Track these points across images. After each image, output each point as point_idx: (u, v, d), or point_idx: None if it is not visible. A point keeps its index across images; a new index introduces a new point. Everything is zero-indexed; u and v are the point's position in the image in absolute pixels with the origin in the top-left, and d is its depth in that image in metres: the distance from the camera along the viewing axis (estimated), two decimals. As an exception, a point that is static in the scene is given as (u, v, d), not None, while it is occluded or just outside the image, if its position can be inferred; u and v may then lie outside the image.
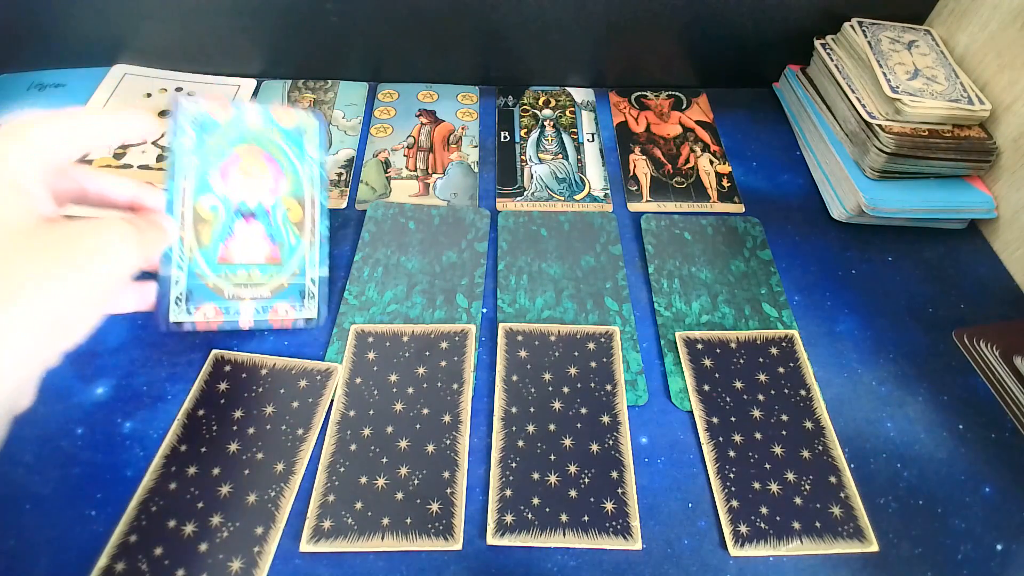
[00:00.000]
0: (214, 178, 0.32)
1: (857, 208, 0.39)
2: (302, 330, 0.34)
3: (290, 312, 0.31)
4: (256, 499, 0.28)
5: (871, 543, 0.28)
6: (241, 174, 0.33)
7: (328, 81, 0.48)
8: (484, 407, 0.32)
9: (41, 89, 0.46)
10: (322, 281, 0.32)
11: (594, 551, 0.27)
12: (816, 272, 0.38)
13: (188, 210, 0.32)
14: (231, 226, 0.32)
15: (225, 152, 0.33)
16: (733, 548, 0.27)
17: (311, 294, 0.32)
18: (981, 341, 0.35)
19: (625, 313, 0.35)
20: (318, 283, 0.32)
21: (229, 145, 0.33)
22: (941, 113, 0.39)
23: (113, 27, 0.45)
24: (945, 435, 0.32)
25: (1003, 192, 0.40)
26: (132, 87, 0.46)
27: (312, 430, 0.30)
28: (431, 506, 0.28)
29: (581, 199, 0.41)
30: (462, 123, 0.46)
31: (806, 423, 0.31)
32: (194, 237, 0.31)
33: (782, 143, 0.46)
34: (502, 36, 0.46)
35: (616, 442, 0.30)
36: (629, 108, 0.48)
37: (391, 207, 0.40)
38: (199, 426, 0.30)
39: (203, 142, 0.33)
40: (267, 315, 0.31)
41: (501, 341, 0.34)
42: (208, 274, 0.31)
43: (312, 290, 0.32)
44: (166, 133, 0.32)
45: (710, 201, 0.42)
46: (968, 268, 0.39)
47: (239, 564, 0.26)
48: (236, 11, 0.44)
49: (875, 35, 0.43)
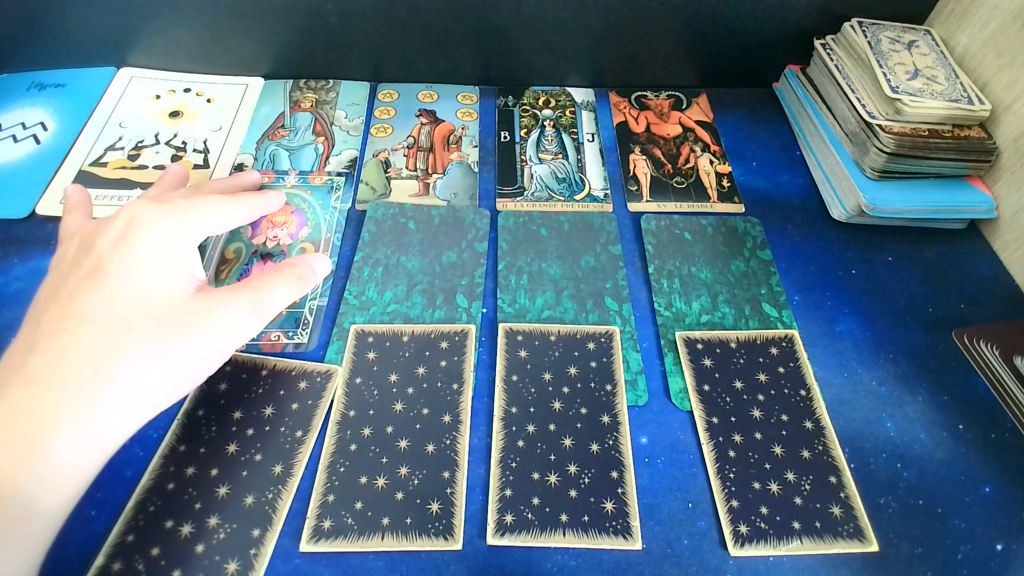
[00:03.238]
0: (245, 230, 0.38)
1: (857, 208, 0.39)
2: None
3: (282, 338, 0.34)
4: (253, 501, 0.28)
5: (871, 543, 0.28)
6: (269, 224, 0.39)
7: (330, 81, 0.48)
8: (484, 407, 0.32)
9: (41, 89, 0.46)
10: (319, 310, 0.34)
11: (594, 551, 0.27)
12: (816, 272, 0.38)
13: (216, 253, 0.37)
14: (248, 265, 0.37)
15: None
16: (733, 548, 0.27)
17: (306, 323, 0.34)
18: (981, 341, 0.35)
19: (625, 313, 0.35)
20: (315, 312, 0.34)
21: None
22: (941, 113, 0.39)
23: (113, 27, 0.45)
24: (945, 435, 0.32)
25: (1003, 192, 0.40)
26: (140, 89, 0.47)
27: (311, 432, 0.30)
28: (431, 506, 0.28)
29: (581, 199, 0.41)
30: (462, 123, 0.46)
31: (806, 423, 0.31)
32: (213, 275, 0.36)
33: (782, 143, 0.46)
34: (502, 36, 0.46)
35: (616, 442, 0.30)
36: (629, 108, 0.48)
37: (391, 207, 0.40)
38: (198, 426, 0.30)
39: None
40: (259, 340, 0.34)
41: (501, 341, 0.34)
42: None
43: (308, 319, 0.35)
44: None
45: (710, 201, 0.42)
46: (968, 268, 0.39)
47: (235, 566, 0.26)
48: (236, 11, 0.44)
49: (875, 35, 0.43)
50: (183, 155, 0.42)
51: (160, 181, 0.35)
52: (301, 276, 0.32)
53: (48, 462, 0.22)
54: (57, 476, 0.22)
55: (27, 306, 0.28)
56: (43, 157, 0.41)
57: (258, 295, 0.29)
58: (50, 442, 0.22)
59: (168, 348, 0.25)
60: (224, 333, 0.27)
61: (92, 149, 0.42)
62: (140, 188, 0.40)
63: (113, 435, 0.24)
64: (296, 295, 0.31)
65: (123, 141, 0.43)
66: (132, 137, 0.43)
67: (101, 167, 0.41)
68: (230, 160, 0.42)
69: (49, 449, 0.22)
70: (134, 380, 0.24)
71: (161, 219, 0.27)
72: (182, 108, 0.46)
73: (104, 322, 0.24)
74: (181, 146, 0.43)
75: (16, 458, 0.22)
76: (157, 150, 0.43)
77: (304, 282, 0.32)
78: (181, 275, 0.27)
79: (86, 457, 0.23)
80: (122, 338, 0.24)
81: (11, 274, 0.35)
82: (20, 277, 0.35)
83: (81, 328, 0.24)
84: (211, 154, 0.43)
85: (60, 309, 0.25)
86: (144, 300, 0.25)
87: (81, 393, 0.23)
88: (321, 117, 0.46)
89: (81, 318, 0.24)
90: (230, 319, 0.27)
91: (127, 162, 0.42)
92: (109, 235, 0.27)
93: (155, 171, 0.41)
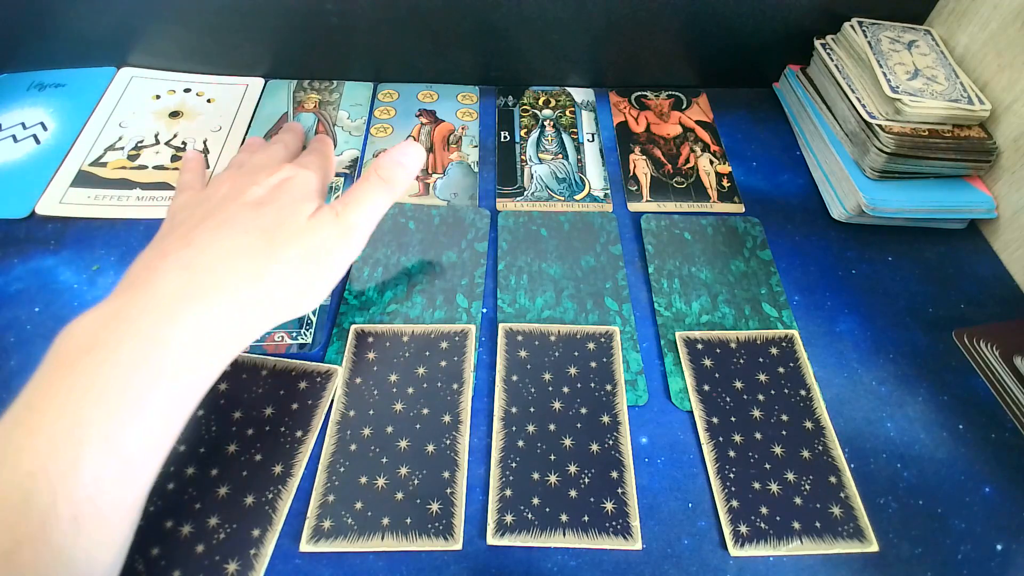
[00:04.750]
0: None
1: (857, 208, 0.39)
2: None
3: (285, 339, 0.34)
4: (253, 501, 0.28)
5: (871, 543, 0.28)
6: None
7: (334, 82, 0.48)
8: (484, 407, 0.32)
9: (41, 89, 0.46)
10: (322, 309, 0.34)
11: (594, 551, 0.27)
12: (816, 272, 0.38)
13: None
14: None
15: None
16: (733, 548, 0.27)
17: (309, 323, 0.34)
18: (981, 341, 0.35)
19: (625, 313, 0.35)
20: (318, 311, 0.34)
21: None
22: (941, 113, 0.39)
23: (113, 27, 0.45)
24: (945, 435, 0.32)
25: (1003, 192, 0.40)
26: (140, 89, 0.47)
27: (311, 432, 0.30)
28: (431, 506, 0.28)
29: (581, 199, 0.41)
30: (462, 123, 0.46)
31: (806, 423, 0.31)
32: None
33: (782, 143, 0.46)
34: (502, 36, 0.46)
35: (616, 442, 0.30)
36: (629, 108, 0.48)
37: (391, 207, 0.40)
38: (198, 426, 0.30)
39: None
40: (263, 341, 0.33)
41: (501, 341, 0.34)
42: None
43: (311, 319, 0.34)
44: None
45: (710, 201, 0.42)
46: (968, 268, 0.39)
47: (235, 566, 0.26)
48: (237, 11, 0.44)
49: (875, 35, 0.43)
50: (183, 155, 0.42)
51: (245, 148, 0.37)
52: (387, 179, 0.30)
53: (178, 336, 0.23)
54: (185, 352, 0.24)
55: (27, 306, 0.31)
56: (43, 157, 0.41)
57: (343, 213, 0.29)
58: (180, 325, 0.24)
59: (271, 271, 0.26)
60: (313, 259, 0.28)
61: (92, 149, 0.42)
62: (140, 188, 0.40)
63: (229, 348, 0.25)
64: (387, 202, 0.30)
65: (123, 141, 0.43)
66: (132, 137, 0.43)
67: (101, 167, 0.41)
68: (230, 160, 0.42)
69: (175, 332, 0.24)
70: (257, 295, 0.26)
71: (312, 179, 0.30)
72: (182, 108, 0.46)
73: (256, 233, 0.27)
74: (181, 146, 0.43)
75: (162, 321, 0.24)
76: (157, 150, 0.43)
77: (392, 185, 0.30)
78: (323, 221, 0.29)
79: (202, 354, 0.24)
80: (270, 254, 0.27)
81: (11, 274, 0.35)
82: (20, 277, 0.35)
83: (238, 236, 0.27)
84: (211, 154, 0.43)
85: (220, 220, 0.27)
86: (289, 226, 0.28)
87: (228, 293, 0.25)
88: (324, 118, 0.46)
89: (240, 229, 0.27)
90: (314, 242, 0.28)
91: (127, 162, 0.42)
92: (269, 182, 0.29)
93: (155, 171, 0.41)
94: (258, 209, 0.28)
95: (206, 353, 0.24)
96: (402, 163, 0.31)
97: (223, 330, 0.25)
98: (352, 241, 0.29)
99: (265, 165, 0.32)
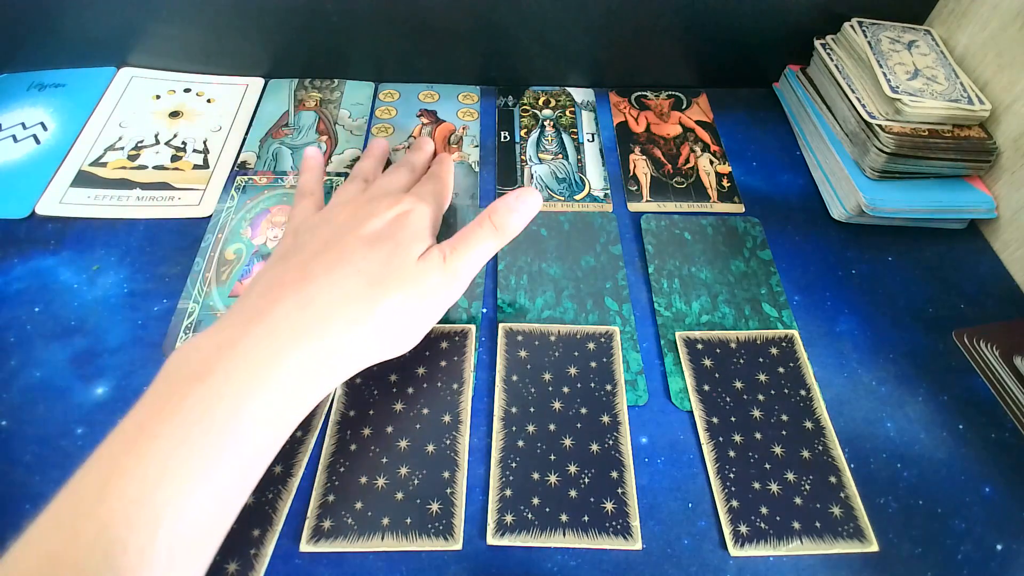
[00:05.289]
0: (245, 230, 0.38)
1: (857, 208, 0.39)
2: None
3: None
4: (253, 501, 0.28)
5: (871, 543, 0.28)
6: (269, 224, 0.38)
7: (335, 80, 0.48)
8: (484, 407, 0.32)
9: (41, 89, 0.46)
10: None
11: (594, 551, 0.27)
12: (816, 272, 0.38)
13: (217, 255, 0.37)
14: (249, 266, 0.36)
15: (260, 208, 0.39)
16: (733, 548, 0.27)
17: None
18: (981, 341, 0.35)
19: (625, 313, 0.35)
20: None
21: (266, 204, 0.40)
22: (941, 113, 0.39)
23: (113, 27, 0.45)
24: (945, 435, 0.32)
25: (1003, 192, 0.40)
26: (140, 89, 0.47)
27: (311, 432, 0.30)
28: (431, 506, 0.28)
29: (581, 199, 0.41)
30: (463, 123, 0.46)
31: (806, 423, 0.31)
32: (215, 276, 0.36)
33: (782, 143, 0.46)
34: (502, 36, 0.46)
35: (616, 442, 0.30)
36: (629, 108, 0.48)
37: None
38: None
39: (242, 203, 0.39)
40: None
41: (501, 341, 0.34)
42: (219, 307, 0.35)
43: None
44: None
45: (710, 201, 0.42)
46: (968, 268, 0.39)
47: (235, 566, 0.26)
48: (237, 11, 0.44)
49: (875, 35, 0.43)
50: (183, 155, 0.42)
51: (369, 154, 0.38)
52: (500, 226, 0.30)
53: (288, 370, 0.24)
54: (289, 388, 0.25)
55: (27, 306, 0.32)
56: (43, 157, 0.41)
57: (451, 258, 0.29)
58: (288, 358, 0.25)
59: (373, 315, 0.27)
60: (415, 303, 0.28)
61: (92, 149, 0.42)
62: (140, 188, 0.40)
63: (322, 387, 0.26)
64: (495, 249, 0.31)
65: (123, 141, 0.43)
66: (132, 137, 0.43)
67: (101, 167, 0.41)
68: (230, 160, 0.42)
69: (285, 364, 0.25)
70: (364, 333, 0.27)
71: (428, 215, 0.31)
72: (182, 108, 0.46)
73: (367, 275, 0.27)
74: (181, 146, 0.43)
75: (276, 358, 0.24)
76: (157, 150, 0.43)
77: (504, 232, 0.30)
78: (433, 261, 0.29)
79: (295, 395, 0.25)
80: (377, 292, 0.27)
81: (11, 274, 0.35)
82: (20, 277, 0.35)
83: (351, 277, 0.27)
84: (211, 154, 0.43)
85: (336, 255, 0.28)
86: (399, 268, 0.28)
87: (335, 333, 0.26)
88: (325, 116, 0.46)
89: (352, 269, 0.27)
90: (418, 288, 0.28)
91: (127, 162, 0.42)
92: (387, 216, 0.30)
93: (155, 171, 0.41)
94: (373, 245, 0.28)
95: (299, 395, 0.25)
96: (519, 211, 0.31)
97: (322, 371, 0.26)
98: (455, 287, 0.30)
99: (388, 192, 0.32)
